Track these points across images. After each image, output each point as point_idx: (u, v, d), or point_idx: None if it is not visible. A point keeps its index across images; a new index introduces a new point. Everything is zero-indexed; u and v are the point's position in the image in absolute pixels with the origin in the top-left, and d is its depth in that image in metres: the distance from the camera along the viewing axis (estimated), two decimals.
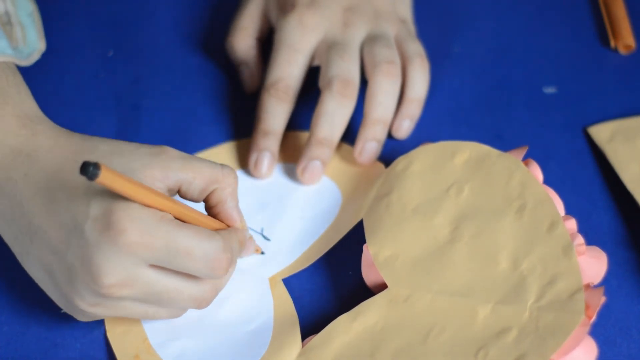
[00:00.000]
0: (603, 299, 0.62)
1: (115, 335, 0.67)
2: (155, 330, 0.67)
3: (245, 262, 0.71)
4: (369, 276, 0.69)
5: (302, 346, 0.66)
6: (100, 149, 0.63)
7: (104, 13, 0.85)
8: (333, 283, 0.70)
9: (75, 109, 0.79)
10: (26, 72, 0.81)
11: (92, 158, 0.61)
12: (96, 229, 0.59)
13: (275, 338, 0.67)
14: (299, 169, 0.75)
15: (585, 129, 0.78)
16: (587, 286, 0.63)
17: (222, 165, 0.65)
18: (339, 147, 0.77)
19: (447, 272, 0.66)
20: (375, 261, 0.68)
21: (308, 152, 0.75)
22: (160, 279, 0.61)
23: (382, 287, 0.67)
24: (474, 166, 0.70)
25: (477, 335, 0.63)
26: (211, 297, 0.64)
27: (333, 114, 0.75)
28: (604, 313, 0.67)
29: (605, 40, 0.84)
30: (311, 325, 0.68)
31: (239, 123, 0.79)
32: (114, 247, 0.59)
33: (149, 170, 0.62)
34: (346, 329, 0.65)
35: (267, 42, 0.81)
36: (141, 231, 0.59)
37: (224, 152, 0.77)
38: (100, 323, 0.68)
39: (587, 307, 0.61)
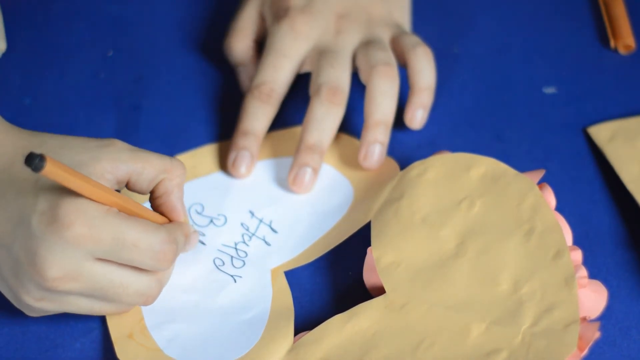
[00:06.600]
0: (597, 335, 0.62)
1: None
2: (152, 312, 0.67)
3: (250, 252, 0.71)
4: (370, 279, 0.68)
5: (294, 341, 0.66)
6: (49, 143, 0.63)
7: (104, 13, 0.85)
8: (332, 282, 0.70)
9: (75, 109, 0.79)
10: (26, 72, 0.81)
11: (41, 151, 0.61)
12: (42, 222, 0.59)
13: (268, 330, 0.67)
14: (290, 178, 0.74)
15: (585, 129, 0.78)
16: (583, 319, 0.63)
17: (171, 157, 0.65)
18: (352, 145, 0.77)
19: (446, 285, 0.66)
20: (377, 265, 0.67)
21: (298, 158, 0.74)
22: (106, 272, 0.61)
23: (382, 291, 0.67)
24: (489, 183, 0.69)
25: (468, 352, 0.62)
26: (156, 292, 0.64)
27: (322, 121, 0.74)
28: (604, 313, 0.67)
29: (605, 40, 0.84)
30: (306, 321, 0.68)
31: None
32: (60, 240, 0.59)
33: (98, 162, 0.62)
34: (339, 329, 0.65)
35: (264, 44, 0.81)
36: (88, 224, 0.59)
37: (223, 150, 0.78)
38: (101, 322, 0.68)
39: (580, 339, 0.61)
